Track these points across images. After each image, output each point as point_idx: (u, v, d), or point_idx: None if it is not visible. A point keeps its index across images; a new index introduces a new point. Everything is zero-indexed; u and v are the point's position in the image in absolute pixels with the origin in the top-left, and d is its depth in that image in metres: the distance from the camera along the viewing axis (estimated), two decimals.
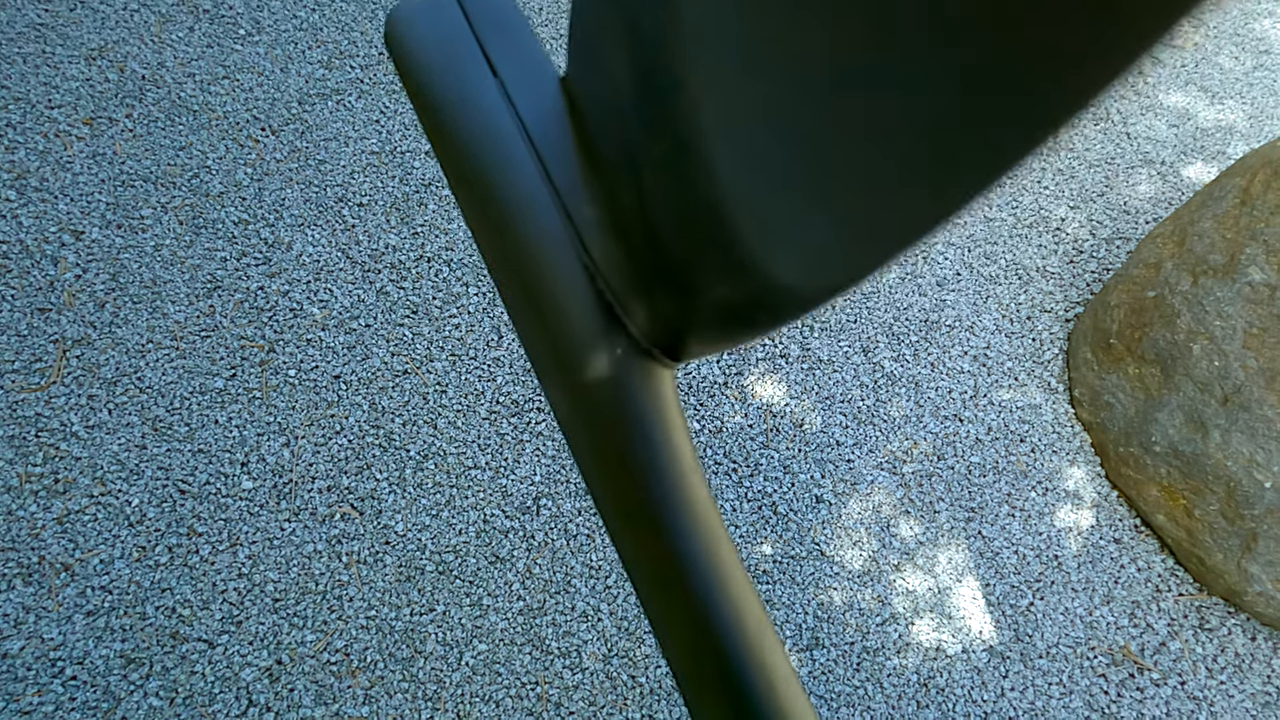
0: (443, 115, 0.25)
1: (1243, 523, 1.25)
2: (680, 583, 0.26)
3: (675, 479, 0.26)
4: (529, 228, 0.24)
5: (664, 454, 0.26)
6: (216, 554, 1.26)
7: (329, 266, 1.52)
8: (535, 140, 0.24)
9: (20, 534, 1.22)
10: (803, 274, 0.19)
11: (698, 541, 0.26)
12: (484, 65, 0.25)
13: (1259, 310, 1.21)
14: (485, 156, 0.25)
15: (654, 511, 0.26)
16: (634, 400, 0.26)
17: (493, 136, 0.24)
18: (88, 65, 1.62)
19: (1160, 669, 1.35)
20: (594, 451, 0.27)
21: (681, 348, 0.25)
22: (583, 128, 0.24)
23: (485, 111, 0.25)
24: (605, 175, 0.24)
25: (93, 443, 1.30)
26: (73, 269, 1.42)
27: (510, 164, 0.24)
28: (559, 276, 0.25)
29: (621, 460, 0.27)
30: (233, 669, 1.19)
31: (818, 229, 0.17)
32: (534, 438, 1.43)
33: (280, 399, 1.39)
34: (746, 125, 0.17)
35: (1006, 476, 1.50)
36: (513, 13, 0.26)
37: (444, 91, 0.25)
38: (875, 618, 1.35)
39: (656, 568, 0.27)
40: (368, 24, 1.81)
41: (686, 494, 0.26)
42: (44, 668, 1.16)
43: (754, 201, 0.18)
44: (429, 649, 1.24)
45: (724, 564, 0.27)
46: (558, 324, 0.26)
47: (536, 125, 0.24)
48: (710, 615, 0.26)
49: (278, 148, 1.62)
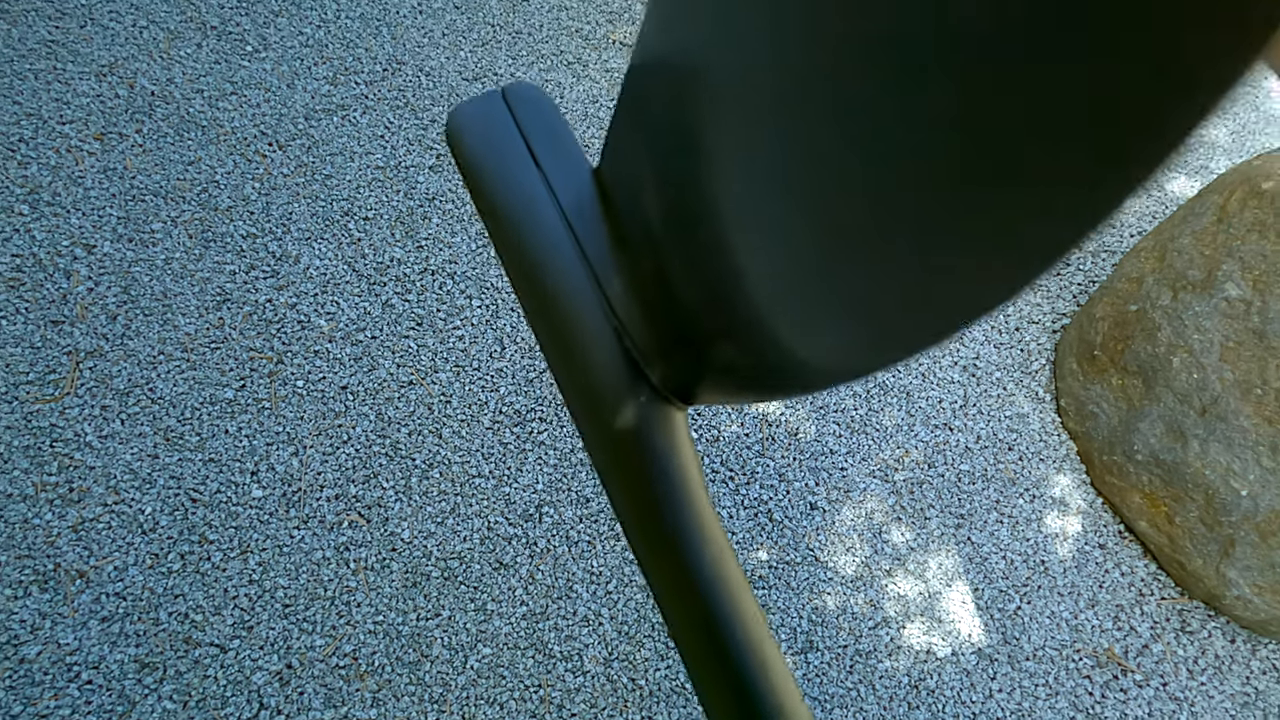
0: (494, 200, 0.29)
1: (1221, 529, 1.30)
2: (692, 591, 0.31)
3: (688, 504, 0.31)
4: (566, 294, 0.29)
5: (678, 483, 0.31)
6: (228, 561, 1.29)
7: (335, 279, 1.55)
8: (572, 222, 0.29)
9: (36, 542, 1.26)
10: (813, 362, 0.22)
11: (707, 557, 0.31)
12: (529, 158, 0.29)
13: (1235, 325, 1.26)
14: (530, 235, 0.29)
15: (670, 531, 0.31)
16: (653, 438, 0.31)
17: (536, 218, 0.29)
18: (98, 81, 1.65)
19: (1143, 670, 1.40)
20: (619, 481, 0.32)
21: (693, 396, 0.29)
22: (612, 214, 0.29)
23: (530, 197, 0.29)
24: (630, 255, 0.28)
25: (106, 452, 1.33)
26: (85, 282, 1.46)
27: (551, 241, 0.29)
28: (591, 335, 0.29)
29: (642, 488, 0.31)
30: (244, 673, 1.22)
31: (833, 331, 0.21)
32: (536, 447, 1.47)
33: (289, 409, 1.42)
34: (765, 243, 0.21)
35: (995, 484, 1.54)
36: (553, 113, 0.30)
37: (495, 180, 0.29)
38: (868, 621, 1.39)
39: (671, 578, 0.32)
40: (372, 40, 1.85)
41: (698, 517, 0.31)
42: (60, 672, 1.19)
43: (762, 297, 0.22)
44: (435, 653, 1.27)
45: (729, 576, 0.31)
46: (590, 374, 0.30)
47: (573, 209, 0.29)
48: (717, 618, 0.31)
49: (285, 162, 1.65)
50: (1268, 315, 1.23)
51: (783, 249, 0.21)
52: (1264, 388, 1.22)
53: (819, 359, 0.21)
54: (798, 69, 0.16)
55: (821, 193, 0.18)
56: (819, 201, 0.18)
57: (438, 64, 1.85)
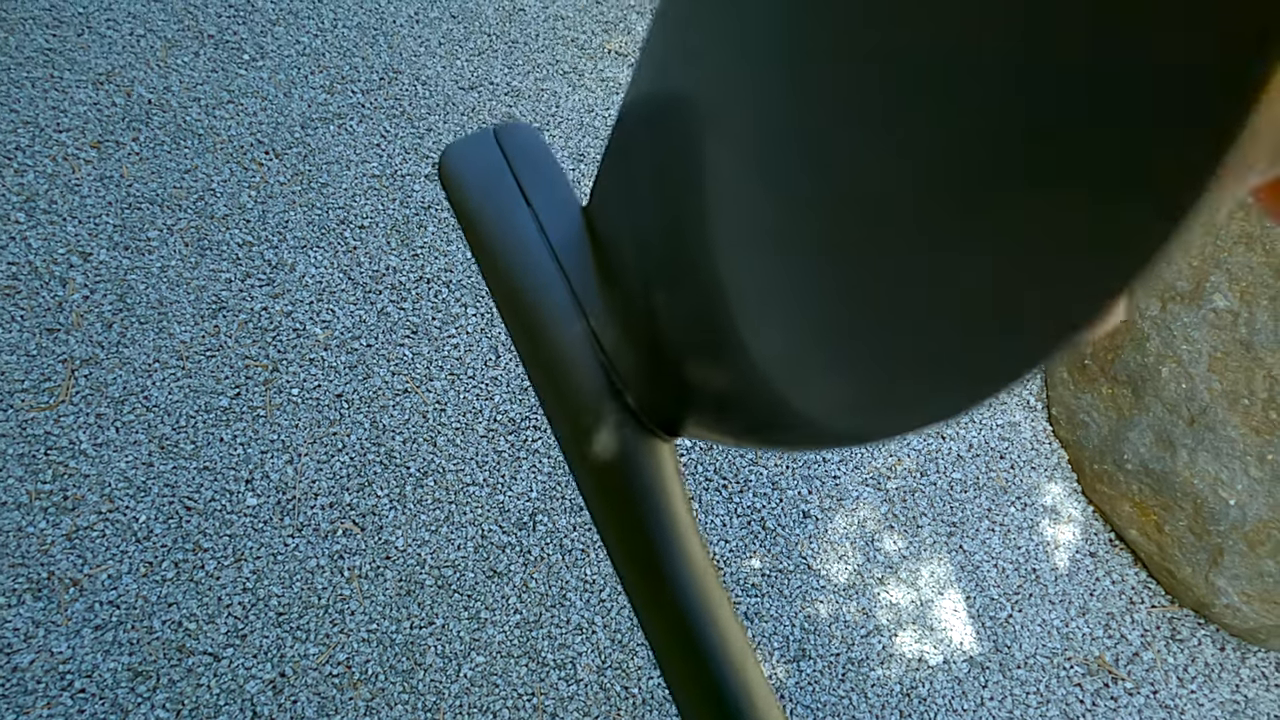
0: (486, 237, 0.30)
1: (1209, 538, 1.31)
2: (677, 616, 0.31)
3: (674, 533, 0.32)
4: (555, 330, 0.30)
5: (664, 514, 0.31)
6: (222, 569, 1.29)
7: (331, 287, 1.56)
8: (561, 259, 0.30)
9: (30, 550, 1.26)
10: (797, 418, 0.21)
11: (692, 585, 0.32)
12: (520, 197, 0.30)
13: (1223, 335, 1.27)
14: (520, 271, 0.30)
15: (656, 560, 0.32)
16: (639, 470, 0.31)
17: (526, 255, 0.30)
18: (95, 90, 1.66)
19: (1133, 678, 1.41)
20: (607, 511, 0.32)
21: (678, 431, 0.30)
22: (600, 252, 0.30)
23: (520, 235, 0.30)
24: (617, 293, 0.29)
25: (101, 460, 1.34)
26: (81, 290, 1.46)
27: (541, 278, 0.30)
28: (579, 370, 0.30)
29: (628, 519, 0.32)
30: (238, 681, 1.22)
31: (815, 389, 0.20)
32: (530, 455, 1.47)
33: (284, 417, 1.43)
34: (745, 294, 0.21)
35: (987, 492, 1.55)
36: (543, 152, 0.31)
37: (487, 218, 0.30)
38: (860, 629, 1.40)
39: (657, 605, 0.32)
40: (369, 50, 1.86)
41: (683, 546, 0.32)
42: (53, 681, 1.19)
43: (740, 345, 0.23)
44: (428, 661, 1.28)
45: (714, 602, 0.32)
46: (578, 407, 0.31)
47: (562, 247, 0.30)
48: (701, 642, 0.31)
49: (281, 171, 1.66)
50: (1254, 326, 1.24)
51: (764, 302, 0.21)
52: (1251, 398, 1.24)
53: (803, 416, 0.21)
54: (782, 130, 0.16)
55: (799, 258, 0.18)
56: (796, 265, 0.18)
57: (434, 73, 1.86)
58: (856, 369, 0.18)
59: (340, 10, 1.90)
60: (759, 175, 0.18)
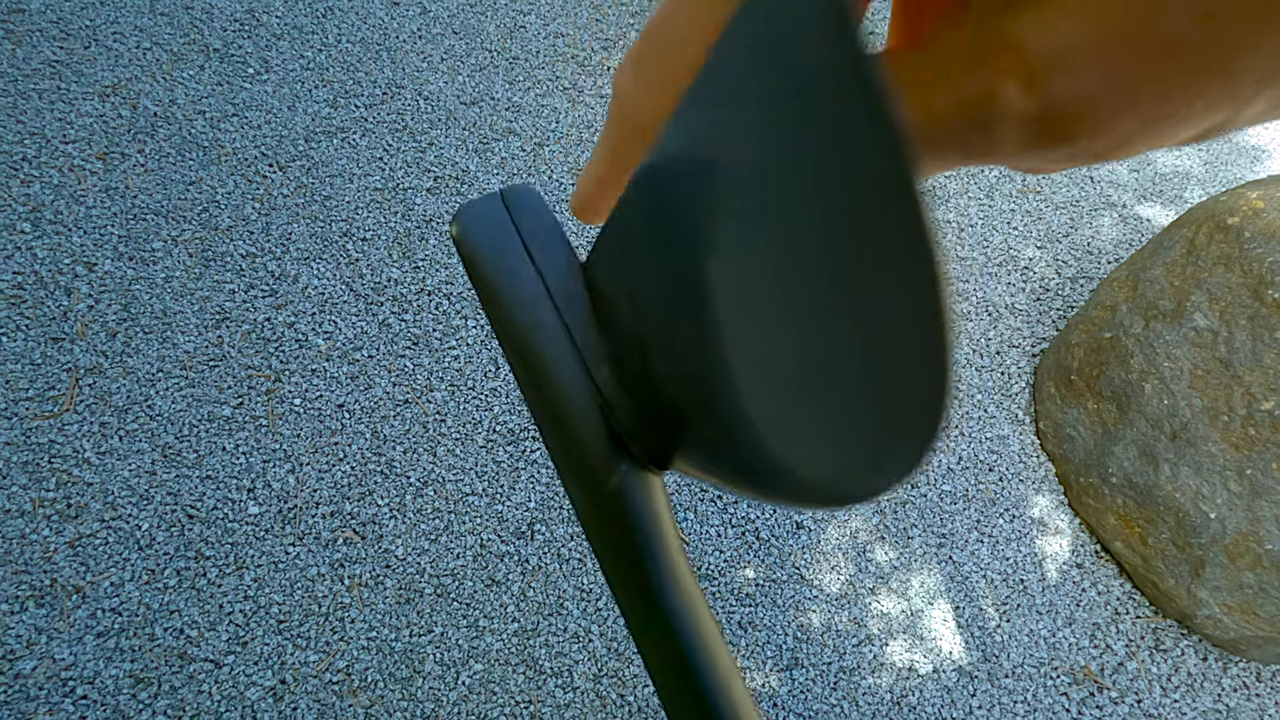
0: (493, 291, 0.34)
1: (1191, 550, 1.34)
2: (667, 635, 0.36)
3: (664, 559, 0.36)
4: (557, 376, 0.33)
5: (655, 540, 0.36)
6: (223, 577, 1.31)
7: (333, 299, 1.59)
8: (563, 312, 0.34)
9: (33, 557, 1.27)
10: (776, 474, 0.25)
11: (681, 606, 0.37)
12: (524, 253, 0.34)
13: (1203, 353, 1.31)
14: (525, 323, 0.34)
15: (647, 584, 0.37)
16: (632, 502, 0.36)
17: (530, 309, 0.34)
18: (101, 102, 1.69)
19: (1118, 688, 1.44)
20: (602, 539, 0.37)
21: (669, 466, 0.34)
22: (597, 305, 0.34)
23: (525, 290, 0.34)
24: (612, 344, 0.33)
25: (104, 468, 1.35)
26: (85, 300, 1.48)
27: (544, 329, 0.34)
28: (579, 412, 0.34)
29: (623, 546, 0.37)
30: (238, 688, 1.24)
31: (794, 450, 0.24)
32: (529, 466, 1.50)
33: (286, 427, 1.45)
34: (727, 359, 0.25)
35: (976, 504, 1.58)
36: (546, 214, 0.36)
37: (494, 273, 0.34)
38: (851, 639, 1.42)
39: (649, 626, 0.37)
40: (372, 65, 1.89)
41: (673, 570, 0.37)
42: (55, 687, 1.20)
43: (723, 401, 0.27)
44: (427, 669, 1.29)
45: (701, 622, 0.37)
46: (577, 446, 0.35)
47: (563, 301, 0.34)
48: (690, 659, 0.36)
49: (285, 183, 1.69)
50: (1233, 345, 1.28)
51: (743, 370, 0.25)
52: (1230, 414, 1.28)
53: (783, 469, 0.24)
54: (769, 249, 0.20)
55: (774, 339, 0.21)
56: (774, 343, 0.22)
57: (436, 88, 1.90)
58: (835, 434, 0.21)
59: (344, 26, 1.93)
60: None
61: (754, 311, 0.23)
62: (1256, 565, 1.27)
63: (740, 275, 0.23)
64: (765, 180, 0.18)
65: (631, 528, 0.36)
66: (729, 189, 0.21)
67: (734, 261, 0.23)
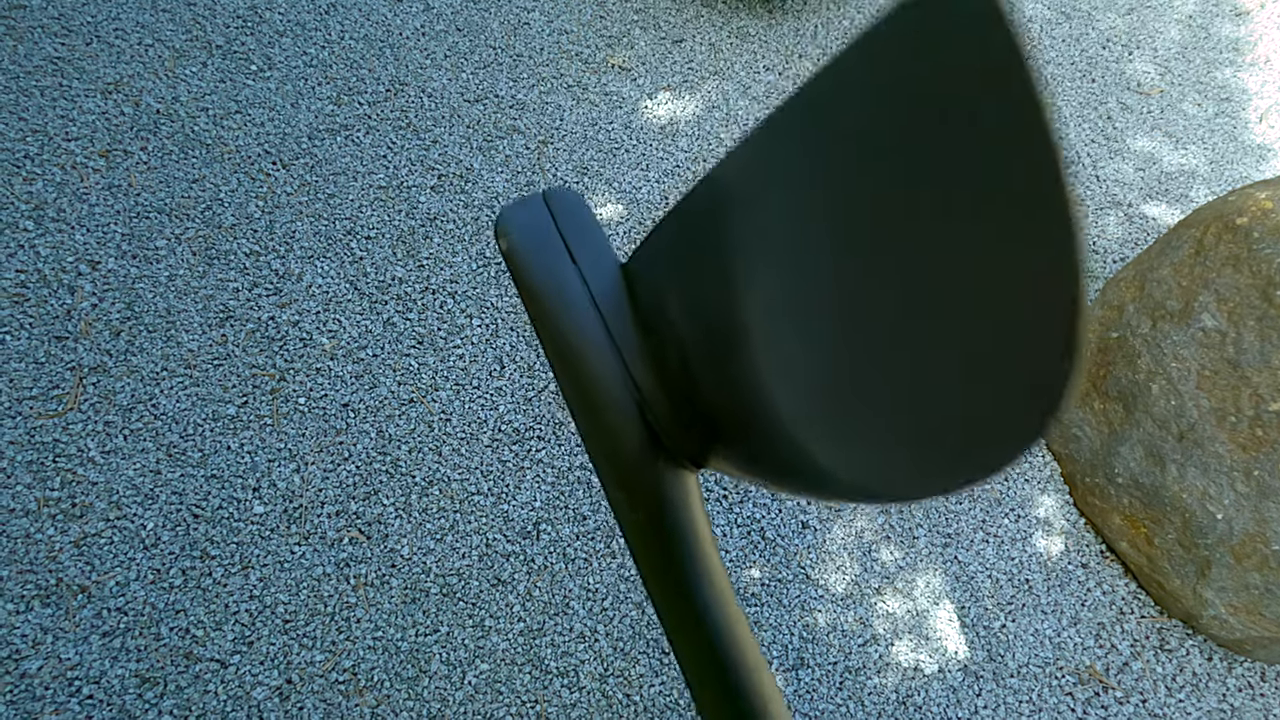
0: (536, 289, 0.34)
1: (1197, 550, 1.34)
2: (697, 624, 0.37)
3: (696, 551, 0.37)
4: (596, 372, 0.34)
5: (689, 536, 0.36)
6: (229, 576, 1.31)
7: (337, 297, 1.58)
8: (603, 310, 0.34)
9: (38, 556, 1.27)
10: (811, 468, 0.26)
11: (712, 596, 0.37)
12: (566, 255, 0.34)
13: (1210, 354, 1.31)
14: (566, 320, 0.34)
15: (681, 579, 0.37)
16: (668, 497, 0.36)
17: (572, 307, 0.34)
18: (104, 99, 1.68)
19: (1123, 688, 1.44)
20: (636, 535, 0.37)
21: (703, 464, 0.34)
22: (636, 305, 0.33)
23: (567, 288, 0.34)
24: (653, 341, 0.33)
25: (109, 468, 1.35)
26: (89, 298, 1.47)
27: (584, 327, 0.34)
28: (617, 408, 0.34)
29: (656, 542, 0.37)
30: (244, 688, 1.24)
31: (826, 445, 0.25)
32: (534, 465, 1.49)
33: (290, 426, 1.44)
34: (769, 355, 0.26)
35: (981, 504, 1.58)
36: (587, 215, 0.35)
37: (537, 272, 0.34)
38: (857, 638, 1.42)
39: (680, 613, 0.37)
40: (375, 62, 1.88)
41: (704, 562, 0.37)
42: (61, 687, 1.20)
43: (761, 396, 0.27)
44: (433, 669, 1.29)
45: (729, 612, 0.37)
46: (615, 442, 0.35)
47: (603, 299, 0.34)
48: (718, 648, 0.37)
49: (288, 181, 1.68)
50: (1241, 346, 1.28)
51: (783, 364, 0.26)
52: (1238, 415, 1.27)
53: (818, 468, 0.26)
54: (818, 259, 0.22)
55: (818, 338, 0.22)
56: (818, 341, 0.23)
57: (440, 85, 1.89)
58: (864, 435, 0.22)
59: (347, 23, 1.92)
60: (793, 283, 0.24)
61: (808, 315, 0.23)
62: (1263, 566, 1.27)
63: (795, 277, 0.23)
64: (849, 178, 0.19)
65: (665, 524, 0.36)
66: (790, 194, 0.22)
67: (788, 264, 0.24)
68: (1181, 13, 2.51)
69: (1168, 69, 2.36)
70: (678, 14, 2.16)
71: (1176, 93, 2.31)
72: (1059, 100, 2.22)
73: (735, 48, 2.14)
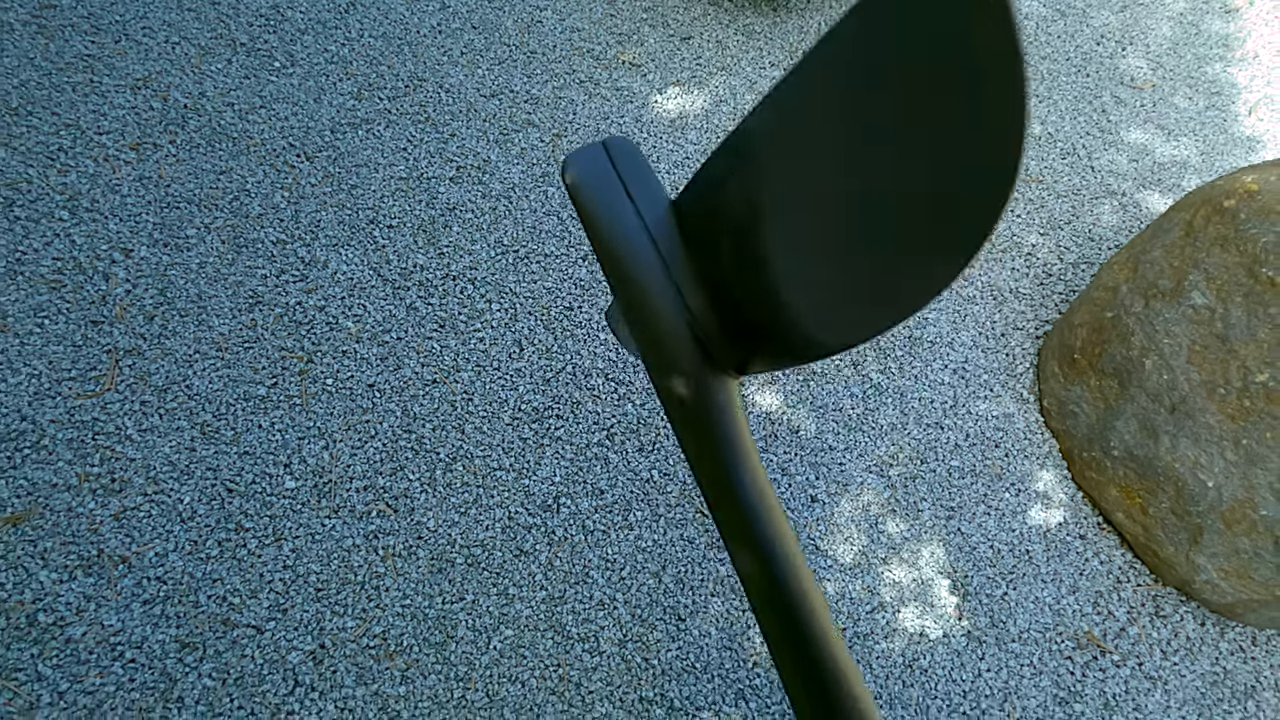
0: (598, 224, 0.42)
1: (1190, 518, 1.40)
2: (740, 513, 0.45)
3: (740, 449, 0.45)
4: (652, 295, 0.41)
5: (732, 434, 0.44)
6: (263, 548, 1.37)
7: (362, 283, 1.64)
8: (657, 241, 0.41)
9: (80, 529, 1.32)
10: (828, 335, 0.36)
11: (753, 488, 0.45)
12: (623, 191, 0.41)
13: (1200, 330, 1.37)
14: (625, 251, 0.41)
15: (725, 470, 0.45)
16: (715, 401, 0.44)
17: (629, 236, 0.41)
18: (133, 94, 1.74)
19: (1120, 652, 1.50)
20: (689, 437, 0.45)
21: (746, 369, 0.42)
22: (686, 235, 0.41)
23: (624, 220, 0.41)
24: (702, 270, 0.41)
25: (146, 445, 1.41)
26: (123, 284, 1.53)
27: (641, 256, 0.41)
28: (670, 327, 0.41)
29: (706, 439, 0.45)
30: (280, 652, 1.29)
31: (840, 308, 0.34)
32: (554, 442, 1.55)
33: (319, 405, 1.50)
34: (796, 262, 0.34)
35: (983, 479, 1.64)
36: (641, 160, 0.43)
37: (598, 208, 0.42)
38: (865, 606, 1.48)
39: (728, 504, 0.45)
40: (394, 58, 1.95)
41: (747, 460, 0.46)
42: (104, 651, 1.25)
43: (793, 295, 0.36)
44: (460, 634, 1.35)
45: (768, 503, 0.45)
46: (668, 355, 0.43)
47: (657, 231, 0.41)
48: (758, 534, 0.44)
49: (312, 173, 1.74)
50: (1229, 321, 1.34)
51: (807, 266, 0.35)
52: (1227, 387, 1.34)
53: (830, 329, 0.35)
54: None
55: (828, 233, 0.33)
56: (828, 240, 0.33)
57: (457, 81, 1.95)
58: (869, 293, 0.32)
59: (366, 21, 1.98)
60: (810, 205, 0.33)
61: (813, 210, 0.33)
62: (1251, 531, 1.33)
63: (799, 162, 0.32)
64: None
65: (712, 422, 0.44)
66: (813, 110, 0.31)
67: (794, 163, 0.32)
68: (1173, 10, 2.59)
69: (1160, 64, 2.43)
70: (685, 12, 2.23)
71: (1168, 87, 2.38)
72: (1055, 94, 2.29)
73: (742, 45, 2.21)
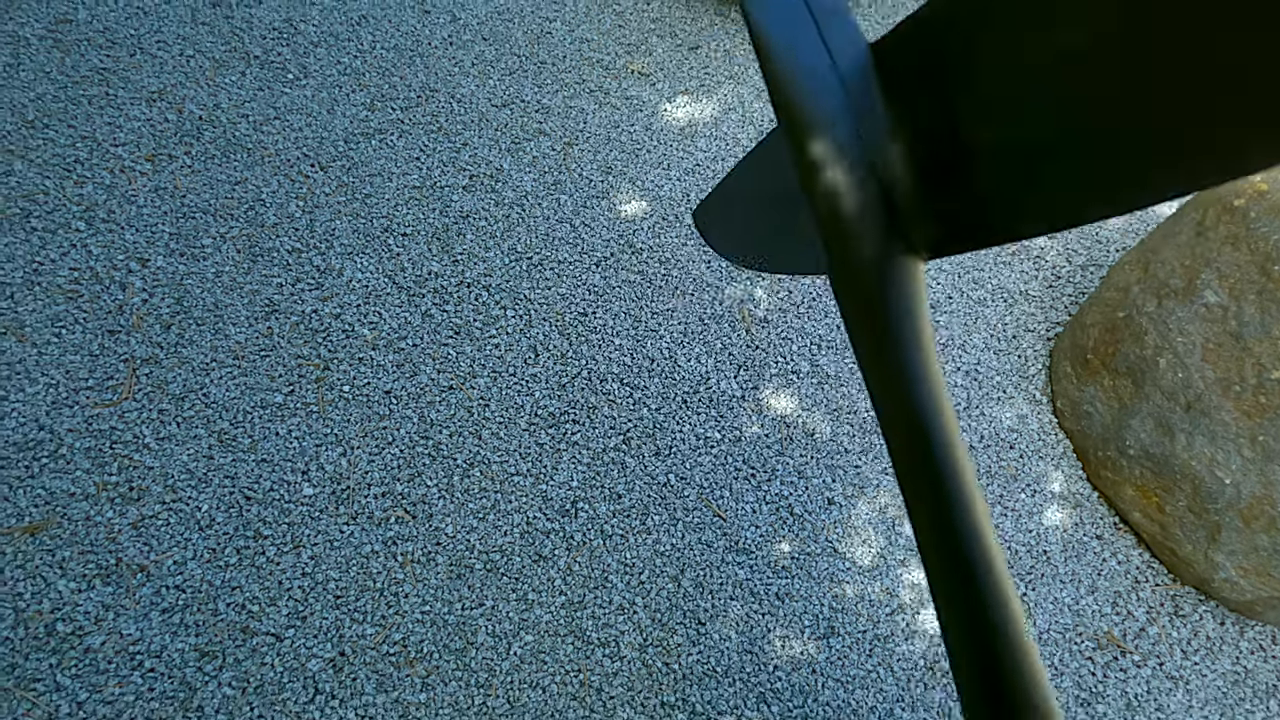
0: (780, 68, 0.36)
1: (1208, 516, 1.41)
2: (915, 426, 0.36)
3: (918, 343, 0.36)
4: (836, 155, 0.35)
5: (914, 326, 0.36)
6: (281, 555, 1.36)
7: (377, 291, 1.65)
8: (848, 87, 0.35)
9: (99, 538, 1.32)
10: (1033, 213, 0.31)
11: (926, 381, 0.36)
12: (816, 34, 0.36)
13: (1214, 328, 1.38)
14: (809, 99, 0.35)
15: (897, 358, 0.36)
16: (903, 291, 0.36)
17: (815, 84, 0.35)
18: (148, 106, 1.75)
19: (1141, 652, 1.49)
20: (866, 329, 0.37)
21: (943, 249, 0.35)
22: (889, 84, 0.35)
23: (812, 66, 0.35)
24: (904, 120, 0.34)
25: (163, 453, 1.41)
26: (140, 294, 1.54)
27: (827, 105, 0.35)
28: (855, 193, 0.35)
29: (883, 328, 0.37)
30: (300, 660, 1.28)
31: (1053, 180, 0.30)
32: (570, 447, 1.55)
33: (336, 412, 1.50)
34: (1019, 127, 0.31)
35: (998, 480, 1.64)
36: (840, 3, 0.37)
37: (783, 52, 0.36)
38: (884, 608, 1.48)
39: (895, 395, 0.37)
40: (406, 70, 1.97)
41: (924, 354, 0.37)
42: (124, 661, 1.24)
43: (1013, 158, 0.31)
44: (480, 640, 1.34)
45: (941, 402, 0.36)
46: (854, 230, 0.36)
47: (850, 78, 0.35)
48: (929, 429, 0.36)
49: (326, 183, 1.75)
50: (1243, 319, 1.35)
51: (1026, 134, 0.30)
52: (1242, 384, 1.34)
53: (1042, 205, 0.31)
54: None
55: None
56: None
57: (468, 91, 1.97)
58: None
59: (378, 33, 2.01)
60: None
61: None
62: (1270, 528, 1.33)
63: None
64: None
65: (892, 312, 0.36)
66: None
67: None
68: None
69: None
70: (693, 22, 2.26)
71: None
72: None
73: (749, 53, 2.23)
